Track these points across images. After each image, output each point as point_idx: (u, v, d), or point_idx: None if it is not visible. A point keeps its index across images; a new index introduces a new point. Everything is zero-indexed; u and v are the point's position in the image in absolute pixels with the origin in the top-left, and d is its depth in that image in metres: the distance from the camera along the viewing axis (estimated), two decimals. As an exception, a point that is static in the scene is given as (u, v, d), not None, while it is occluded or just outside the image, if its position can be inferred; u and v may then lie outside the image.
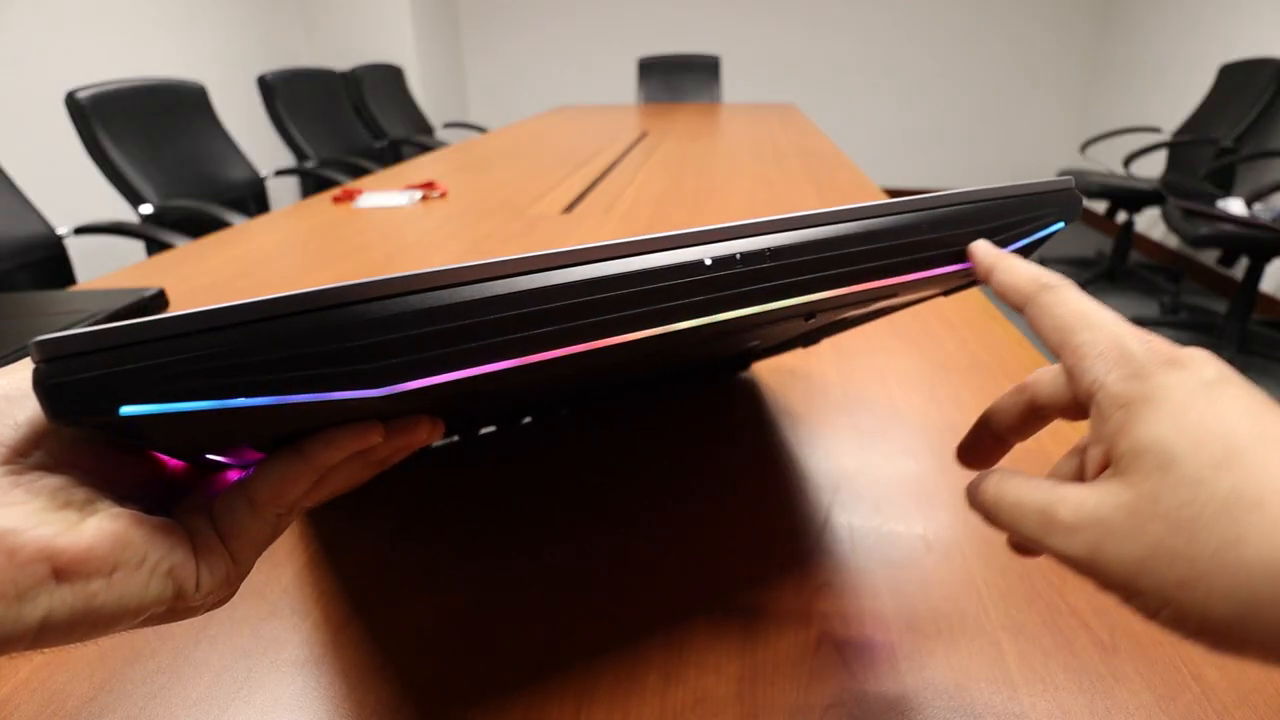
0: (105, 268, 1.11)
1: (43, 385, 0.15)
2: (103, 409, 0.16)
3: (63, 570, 0.16)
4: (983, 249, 0.26)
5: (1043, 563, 0.36)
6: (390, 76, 3.18)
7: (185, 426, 0.17)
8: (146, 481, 0.20)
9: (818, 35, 4.33)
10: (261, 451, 0.22)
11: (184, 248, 1.00)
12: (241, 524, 0.20)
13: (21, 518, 0.16)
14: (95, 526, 0.17)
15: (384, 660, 0.31)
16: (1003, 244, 0.28)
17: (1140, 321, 2.56)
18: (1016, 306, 0.24)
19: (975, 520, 0.40)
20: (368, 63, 2.99)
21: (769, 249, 0.23)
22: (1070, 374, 0.21)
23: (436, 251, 0.95)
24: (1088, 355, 0.21)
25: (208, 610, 0.20)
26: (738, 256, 0.22)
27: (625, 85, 4.48)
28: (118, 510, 0.17)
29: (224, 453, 0.21)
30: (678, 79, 3.58)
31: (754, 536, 0.39)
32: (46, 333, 0.16)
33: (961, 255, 0.27)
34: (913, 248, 0.26)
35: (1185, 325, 2.60)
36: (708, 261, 0.22)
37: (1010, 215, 0.28)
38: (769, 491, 0.42)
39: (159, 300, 0.72)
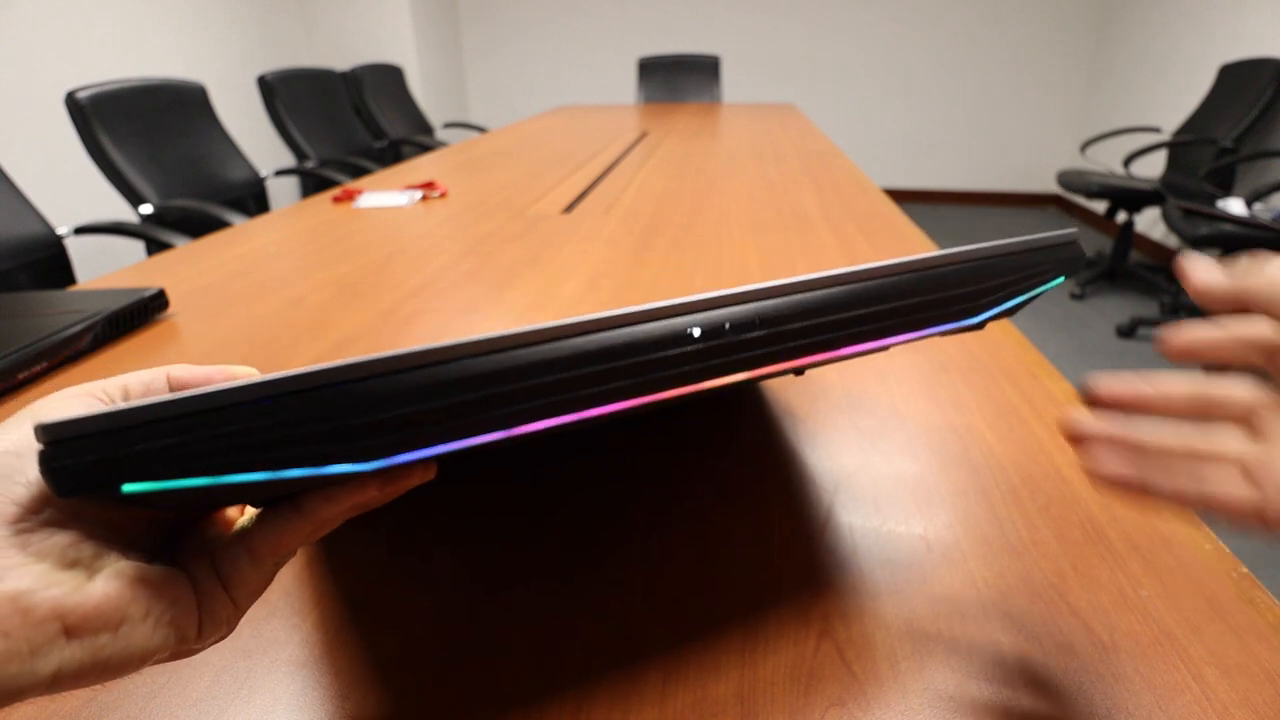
0: (105, 268, 1.11)
1: (48, 467, 0.16)
2: (105, 488, 0.16)
3: (73, 628, 0.17)
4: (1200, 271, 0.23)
5: (1043, 562, 0.36)
6: (390, 76, 3.17)
7: (185, 496, 0.18)
8: (150, 526, 0.21)
9: (818, 35, 4.33)
10: (261, 506, 0.22)
11: (184, 248, 1.00)
12: (243, 573, 0.21)
13: (34, 578, 0.16)
14: (102, 585, 0.17)
15: (384, 661, 0.31)
16: (1000, 301, 0.27)
17: (1140, 321, 2.56)
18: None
19: (975, 520, 0.40)
20: (368, 63, 2.99)
21: (759, 317, 0.22)
22: None
23: (436, 252, 0.95)
24: None
25: (207, 648, 0.20)
26: (727, 326, 0.22)
27: (625, 85, 4.48)
28: (123, 565, 0.18)
29: (224, 507, 0.22)
30: (678, 79, 3.58)
31: (754, 536, 0.39)
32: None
33: (960, 314, 0.26)
34: (910, 309, 0.25)
35: (1185, 325, 2.60)
36: (695, 333, 0.21)
37: (1010, 274, 0.27)
38: (769, 491, 0.42)
39: (159, 300, 0.72)
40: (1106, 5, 4.02)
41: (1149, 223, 3.51)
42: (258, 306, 0.76)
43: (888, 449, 0.47)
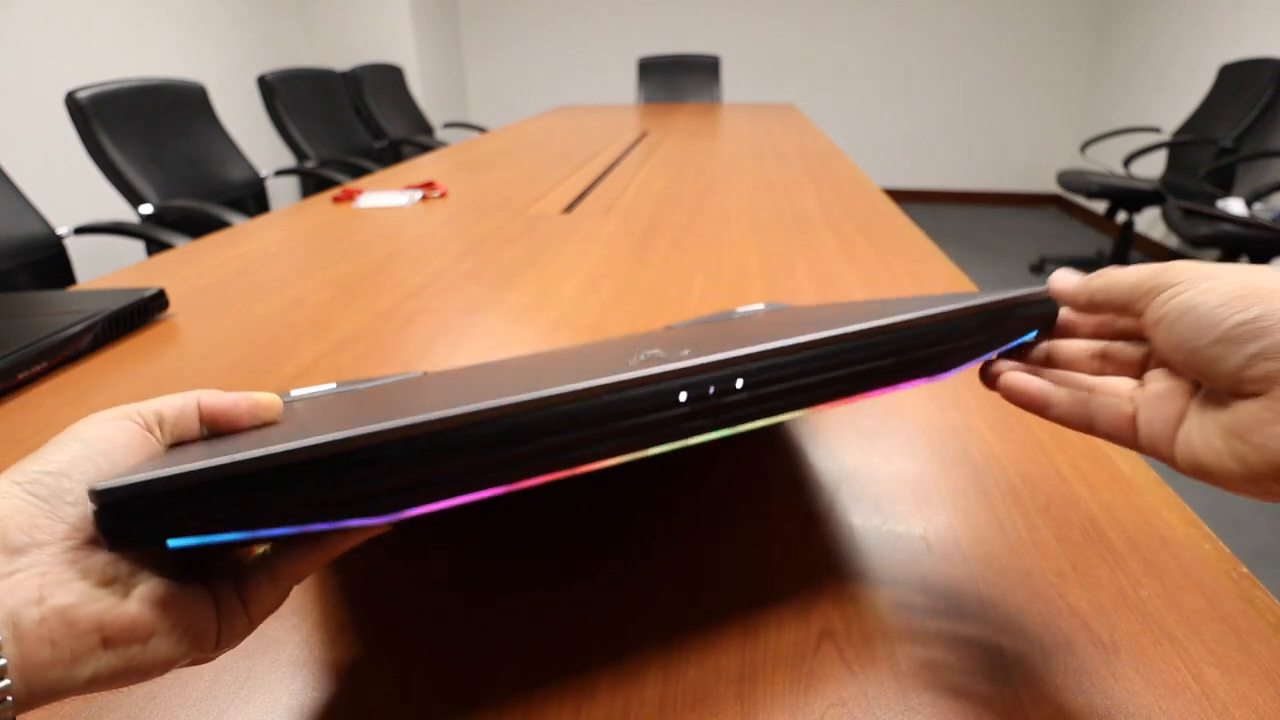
0: (105, 268, 1.11)
1: (102, 527, 0.19)
2: (153, 544, 0.19)
3: (110, 639, 0.19)
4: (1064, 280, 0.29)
5: (1042, 563, 0.36)
6: (390, 76, 3.17)
7: (222, 545, 0.21)
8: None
9: (818, 35, 4.33)
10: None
11: (184, 248, 1.00)
12: (263, 593, 0.23)
13: (78, 594, 0.19)
14: (138, 602, 0.20)
15: (383, 661, 0.31)
16: (971, 357, 0.29)
17: (1140, 321, 2.56)
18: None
19: (975, 520, 0.40)
20: (368, 63, 2.99)
21: (742, 377, 0.24)
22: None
23: (436, 252, 0.95)
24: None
25: (219, 656, 0.23)
26: (711, 390, 0.24)
27: (625, 85, 4.48)
28: (154, 584, 0.20)
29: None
30: (678, 79, 3.58)
31: (754, 536, 0.39)
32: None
33: (932, 371, 0.28)
34: (884, 370, 0.27)
35: (1185, 325, 2.60)
36: (682, 398, 0.23)
37: (983, 332, 0.29)
38: (769, 491, 0.42)
39: (159, 300, 0.72)
40: (1106, 5, 4.02)
41: (1149, 223, 3.51)
42: (258, 306, 0.76)
43: (888, 449, 0.47)
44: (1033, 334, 0.30)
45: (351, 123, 2.66)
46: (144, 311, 0.71)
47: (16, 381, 0.57)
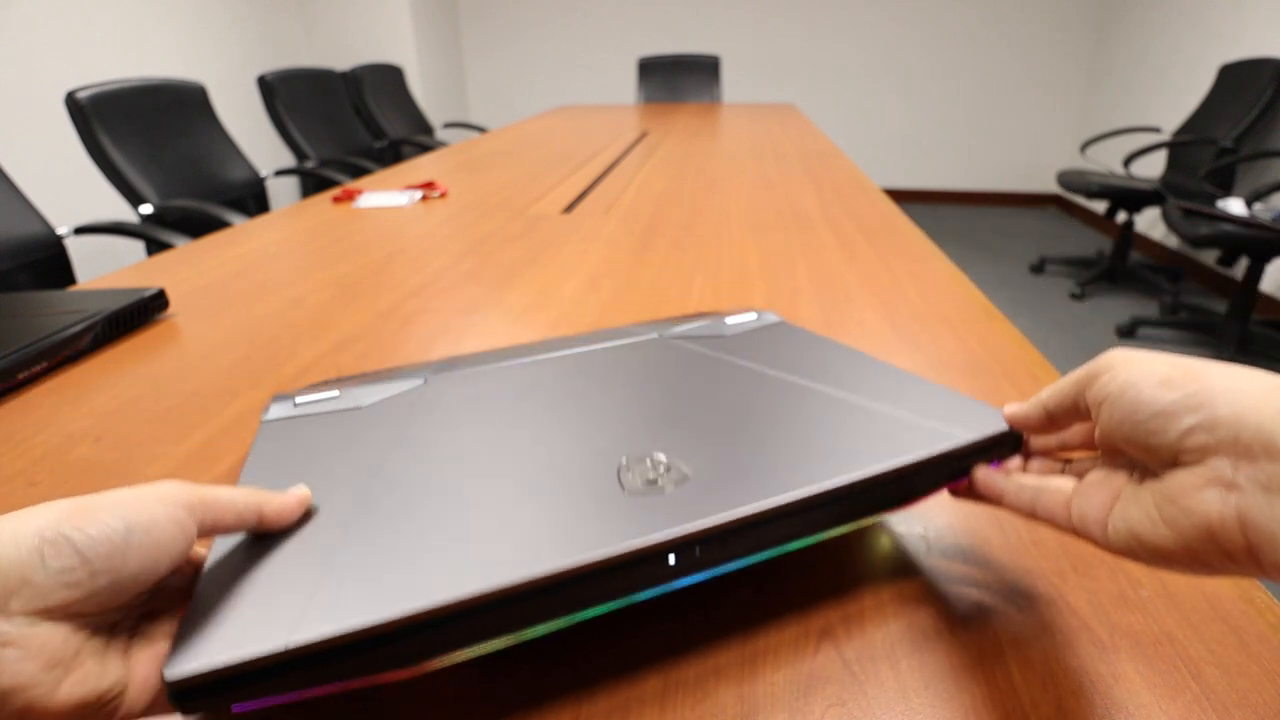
0: (105, 268, 1.11)
1: (176, 699, 0.22)
2: (219, 710, 0.23)
3: (24, 715, 0.20)
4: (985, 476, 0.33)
5: (1042, 563, 0.36)
6: (390, 76, 3.18)
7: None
8: (128, 615, 0.24)
9: (818, 35, 4.33)
10: None
11: (184, 248, 1.00)
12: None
13: (24, 678, 0.19)
14: (67, 693, 0.20)
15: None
16: (937, 489, 0.33)
17: (1140, 321, 2.56)
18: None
19: (975, 520, 0.40)
20: (368, 63, 2.99)
21: (721, 539, 0.28)
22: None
23: (436, 252, 0.95)
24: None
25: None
26: (697, 552, 0.28)
27: (625, 85, 4.48)
28: (88, 672, 0.21)
29: None
30: (678, 79, 3.58)
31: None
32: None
33: (897, 505, 0.33)
34: (854, 510, 0.31)
35: (1185, 325, 2.60)
36: (671, 561, 0.28)
37: (955, 464, 0.33)
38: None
39: (159, 300, 0.72)
40: (1106, 5, 4.02)
41: (1149, 223, 3.51)
42: (258, 306, 0.76)
43: (888, 449, 0.47)
44: (998, 460, 0.33)
45: (351, 123, 2.66)
46: (144, 311, 0.71)
47: (16, 381, 0.57)
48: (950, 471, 0.33)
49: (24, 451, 0.48)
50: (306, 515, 0.30)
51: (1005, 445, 0.33)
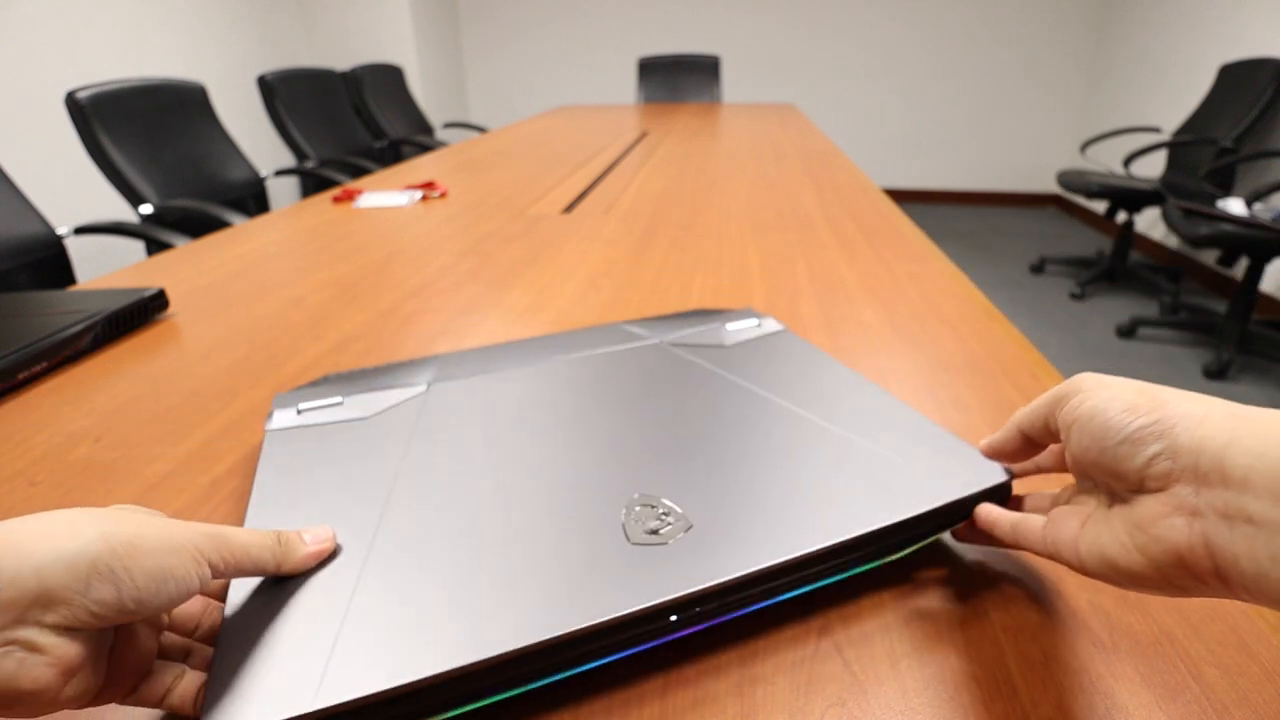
0: (105, 268, 1.11)
1: None
2: None
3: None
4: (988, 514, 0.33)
5: (1042, 562, 0.36)
6: (390, 76, 3.17)
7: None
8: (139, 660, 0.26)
9: (818, 35, 4.33)
10: None
11: (184, 248, 1.00)
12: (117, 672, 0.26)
13: (37, 681, 0.21)
14: (68, 693, 0.23)
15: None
16: (927, 536, 0.35)
17: (1140, 321, 2.56)
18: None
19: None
20: (368, 63, 2.99)
21: (721, 590, 0.30)
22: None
23: (436, 252, 0.95)
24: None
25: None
26: (698, 610, 0.30)
27: (625, 85, 4.48)
28: (86, 675, 0.23)
29: None
30: (678, 79, 3.57)
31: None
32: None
33: (903, 548, 0.34)
34: (859, 558, 0.33)
35: (1185, 325, 2.60)
36: (673, 619, 0.29)
37: (949, 517, 0.34)
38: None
39: (159, 300, 0.72)
40: (1106, 5, 4.02)
41: (1149, 223, 3.51)
42: (258, 306, 0.76)
43: (888, 449, 0.47)
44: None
45: (351, 123, 2.66)
46: (144, 311, 0.71)
47: (16, 381, 0.57)
48: (943, 523, 0.34)
49: (24, 451, 0.48)
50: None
51: (998, 496, 0.35)
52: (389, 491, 0.36)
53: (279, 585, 0.29)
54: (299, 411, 0.44)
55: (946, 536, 0.37)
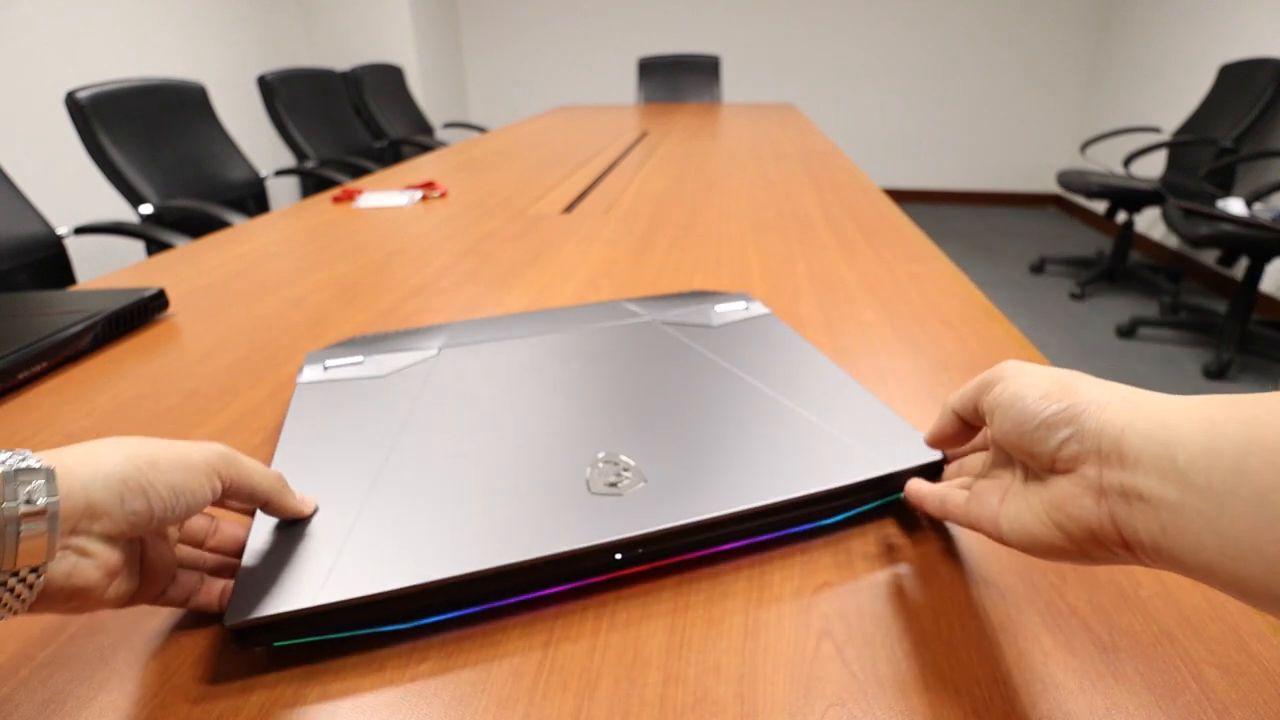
0: (105, 268, 1.11)
1: (234, 638, 0.29)
2: (263, 645, 0.31)
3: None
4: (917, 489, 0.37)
5: (1042, 563, 0.36)
6: (390, 76, 3.17)
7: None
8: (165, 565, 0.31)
9: (818, 35, 4.33)
10: None
11: (184, 248, 1.00)
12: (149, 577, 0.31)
13: (86, 580, 0.26)
14: (111, 593, 0.27)
15: (383, 659, 0.31)
16: (870, 500, 0.39)
17: (1140, 321, 2.56)
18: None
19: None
20: (368, 63, 2.99)
21: (660, 536, 0.34)
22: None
23: (436, 252, 0.95)
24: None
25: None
26: (640, 551, 0.34)
27: (625, 85, 4.48)
28: (124, 578, 0.28)
29: None
30: (678, 79, 3.57)
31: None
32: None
33: (836, 512, 0.38)
34: (792, 518, 0.37)
35: (1185, 325, 2.60)
36: (617, 557, 0.34)
37: (879, 488, 0.38)
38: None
39: (159, 300, 0.72)
40: (1106, 5, 4.02)
41: (1149, 223, 3.51)
42: (258, 306, 0.76)
43: (888, 449, 0.47)
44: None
45: (351, 123, 2.66)
46: (144, 311, 0.71)
47: (16, 381, 0.57)
48: (875, 495, 0.38)
49: (24, 451, 0.48)
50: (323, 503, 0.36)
51: (929, 473, 0.38)
52: (394, 439, 0.41)
53: (292, 522, 0.35)
54: (325, 368, 0.49)
55: (958, 539, 0.37)
